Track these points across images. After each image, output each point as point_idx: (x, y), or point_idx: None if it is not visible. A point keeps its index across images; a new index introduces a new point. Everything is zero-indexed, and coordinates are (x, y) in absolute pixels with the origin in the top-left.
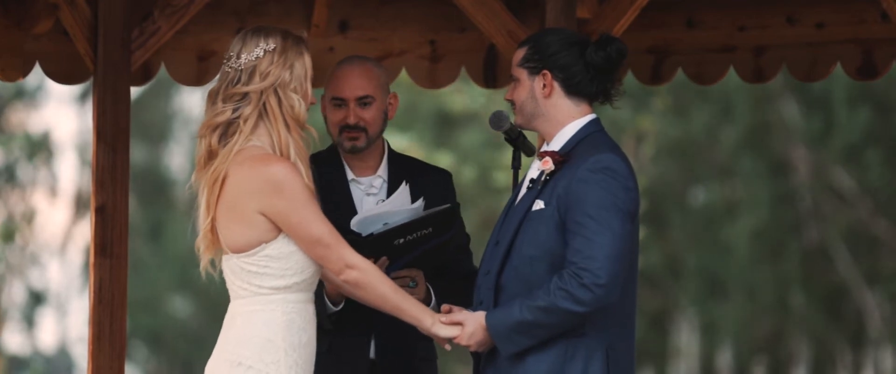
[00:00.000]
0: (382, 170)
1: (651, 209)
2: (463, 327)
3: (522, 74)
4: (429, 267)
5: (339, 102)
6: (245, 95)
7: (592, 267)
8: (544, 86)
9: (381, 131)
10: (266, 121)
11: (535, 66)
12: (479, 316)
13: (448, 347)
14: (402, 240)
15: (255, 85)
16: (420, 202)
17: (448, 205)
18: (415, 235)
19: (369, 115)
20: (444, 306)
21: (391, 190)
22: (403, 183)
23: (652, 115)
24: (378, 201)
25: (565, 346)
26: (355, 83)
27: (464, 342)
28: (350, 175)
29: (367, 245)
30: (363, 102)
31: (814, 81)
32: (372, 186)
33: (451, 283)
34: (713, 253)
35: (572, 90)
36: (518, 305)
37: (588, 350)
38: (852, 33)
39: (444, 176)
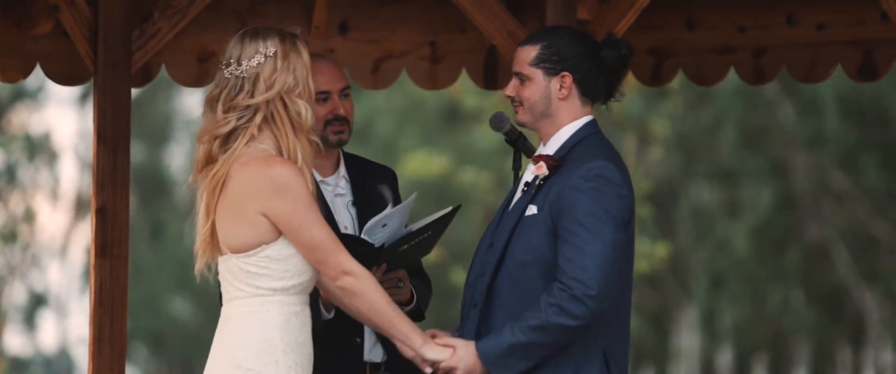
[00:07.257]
0: (342, 168)
1: (655, 211)
2: (454, 350)
3: (537, 73)
4: (408, 263)
5: (324, 96)
6: (249, 107)
7: (583, 277)
8: (561, 87)
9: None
10: (272, 126)
11: (553, 67)
12: (470, 343)
13: (429, 370)
14: (406, 246)
15: (261, 96)
16: (412, 197)
17: (453, 207)
18: (417, 240)
19: (349, 106)
20: (429, 332)
21: (355, 190)
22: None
23: (662, 117)
24: (348, 203)
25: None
26: (336, 75)
27: (452, 365)
28: (318, 176)
29: (382, 257)
30: (345, 93)
31: (814, 82)
32: (338, 186)
33: (419, 282)
34: (714, 253)
35: (586, 92)
36: (509, 328)
37: (583, 354)
38: (852, 34)
39: (390, 173)
